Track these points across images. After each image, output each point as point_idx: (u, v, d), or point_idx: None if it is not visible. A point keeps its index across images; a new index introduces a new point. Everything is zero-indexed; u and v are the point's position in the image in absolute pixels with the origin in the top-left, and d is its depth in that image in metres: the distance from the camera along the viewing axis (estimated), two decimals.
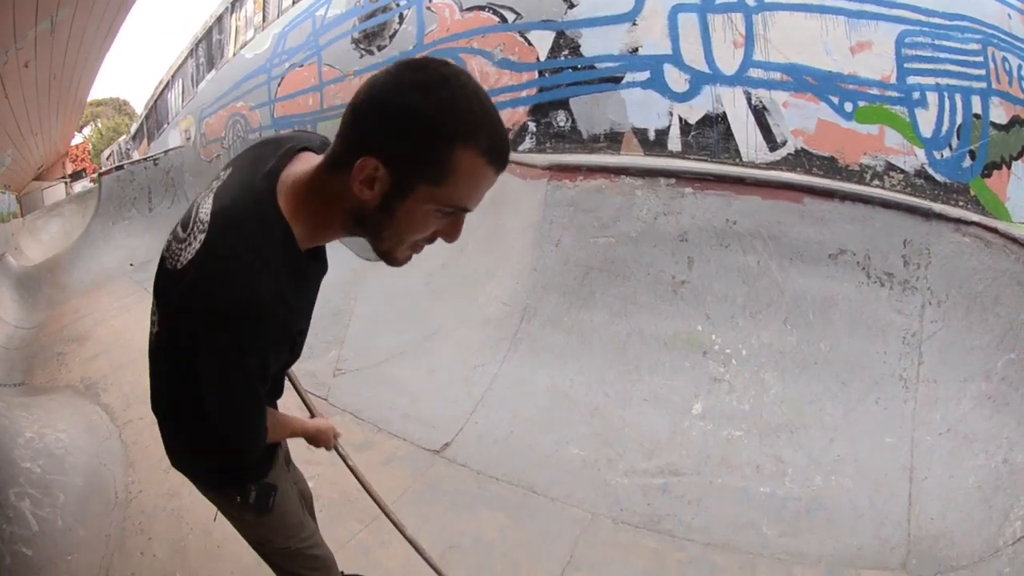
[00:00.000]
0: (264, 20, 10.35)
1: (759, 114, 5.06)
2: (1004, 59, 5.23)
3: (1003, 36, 5.19)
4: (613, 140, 5.47)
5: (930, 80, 4.99)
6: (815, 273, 4.45)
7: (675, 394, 4.32)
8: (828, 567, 3.28)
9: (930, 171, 4.97)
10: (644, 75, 5.34)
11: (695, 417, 4.23)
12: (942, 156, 5.01)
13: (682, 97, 5.24)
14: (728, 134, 5.12)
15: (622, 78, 5.43)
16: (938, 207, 4.54)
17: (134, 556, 3.43)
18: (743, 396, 4.33)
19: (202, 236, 1.34)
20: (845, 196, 4.50)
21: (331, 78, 8.29)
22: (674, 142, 5.26)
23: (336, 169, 1.29)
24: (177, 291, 1.37)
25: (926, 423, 4.01)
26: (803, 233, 4.48)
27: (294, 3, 9.48)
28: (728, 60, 5.13)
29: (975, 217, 4.49)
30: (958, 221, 4.45)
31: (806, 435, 4.09)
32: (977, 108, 5.03)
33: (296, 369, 2.50)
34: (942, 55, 5.05)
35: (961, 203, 4.93)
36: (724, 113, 5.13)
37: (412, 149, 1.21)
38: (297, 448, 2.38)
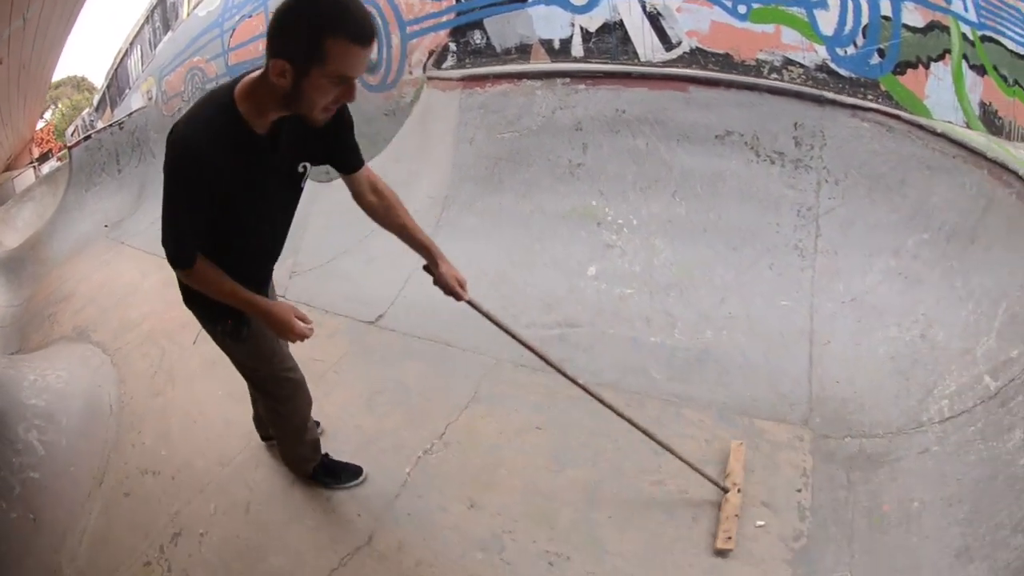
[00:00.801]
0: None
1: (653, 19, 5.42)
2: None
3: None
4: (523, 52, 5.88)
5: None
6: (702, 152, 4.78)
7: (572, 259, 4.72)
8: (719, 412, 3.47)
9: (832, 66, 5.24)
10: None
11: (590, 278, 4.60)
12: (846, 52, 5.26)
13: (582, 9, 5.62)
14: (626, 39, 5.50)
15: None
16: (831, 95, 4.89)
17: (127, 449, 4.01)
18: (634, 259, 4.66)
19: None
20: (731, 84, 4.88)
21: None
22: (577, 49, 5.65)
23: (265, 71, 1.92)
24: None
25: (826, 291, 4.23)
26: (689, 117, 4.82)
27: None
28: None
29: (874, 104, 4.82)
30: (855, 107, 4.75)
31: (695, 294, 4.38)
32: (887, 11, 5.20)
33: None
34: None
35: (870, 97, 5.15)
36: (621, 20, 5.50)
37: (300, 47, 1.80)
38: None
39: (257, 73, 2.00)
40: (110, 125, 14.65)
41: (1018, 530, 2.63)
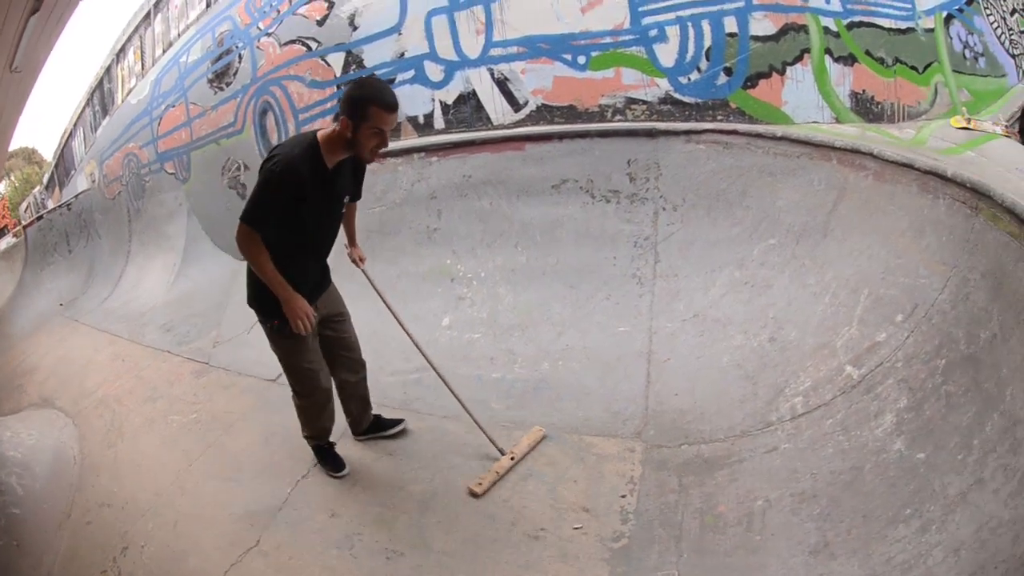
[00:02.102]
0: (143, 68, 11.25)
1: (502, 84, 5.95)
2: None
3: None
4: (395, 131, 6.44)
5: (669, 16, 5.42)
6: (540, 203, 5.24)
7: (430, 313, 5.33)
8: (549, 431, 3.83)
9: (676, 95, 5.49)
10: (410, 73, 6.37)
11: (444, 328, 5.18)
12: (689, 80, 5.49)
13: (439, 85, 6.25)
14: (479, 106, 6.07)
15: (395, 79, 6.45)
16: (663, 125, 5.22)
17: (88, 489, 4.70)
18: (481, 307, 5.12)
19: None
20: (563, 136, 5.36)
21: (196, 114, 9.29)
22: (439, 122, 6.30)
23: (336, 124, 3.04)
24: None
25: (666, 312, 4.54)
26: (527, 173, 5.30)
27: (163, 52, 10.43)
28: (473, 46, 6.04)
29: (707, 125, 5.10)
30: (689, 132, 5.06)
31: (535, 331, 4.77)
32: (732, 28, 5.36)
33: (186, 348, 5.26)
34: None
35: (720, 117, 5.36)
36: (473, 90, 6.09)
37: (355, 111, 2.95)
38: None
39: (332, 127, 3.07)
40: (59, 206, 15.10)
41: (897, 521, 2.69)
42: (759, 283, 4.37)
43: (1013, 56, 7.32)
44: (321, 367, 3.69)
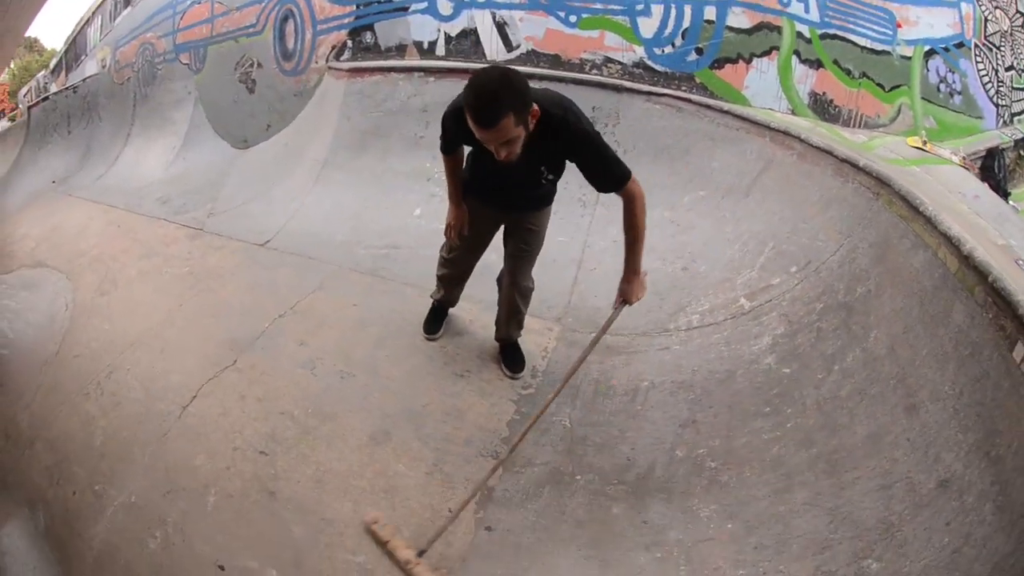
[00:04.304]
0: None
1: (500, 27, 6.65)
2: None
3: None
4: (400, 51, 7.17)
5: None
6: None
7: (406, 204, 5.98)
8: (486, 306, 4.27)
9: (649, 63, 6.26)
10: (423, 4, 6.93)
11: (415, 216, 5.83)
12: (663, 52, 6.24)
13: (447, 19, 6.88)
14: (478, 42, 6.76)
15: (408, 8, 7.05)
16: (628, 84, 5.96)
17: (78, 330, 5.16)
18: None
19: None
20: (543, 77, 5.93)
21: (220, 12, 9.65)
22: (440, 49, 6.95)
23: None
24: None
25: (600, 233, 5.11)
26: None
27: None
28: None
29: (666, 90, 5.83)
30: (649, 93, 5.81)
31: None
32: (711, 16, 6.07)
33: (182, 217, 5.99)
34: None
35: (684, 88, 6.06)
36: (475, 28, 6.76)
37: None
38: None
39: None
40: (66, 88, 15.22)
41: (758, 415, 3.35)
42: (684, 224, 5.01)
43: (996, 105, 7.71)
44: (464, 245, 3.71)
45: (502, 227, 3.67)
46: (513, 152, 2.62)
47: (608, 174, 2.96)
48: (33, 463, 3.88)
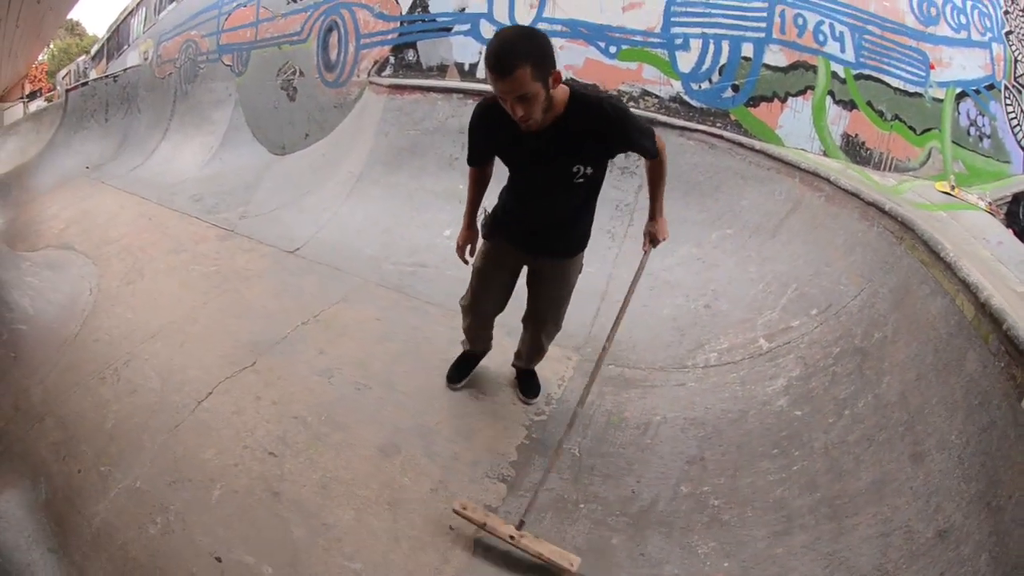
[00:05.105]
0: None
1: None
2: (798, 15, 6.25)
3: None
4: (441, 70, 7.26)
5: (696, 30, 6.18)
6: None
7: (436, 223, 6.02)
8: (508, 331, 4.14)
9: (685, 98, 6.30)
10: (467, 27, 7.06)
11: (445, 236, 5.83)
12: (700, 87, 6.29)
13: (488, 42, 6.98)
14: None
15: (452, 28, 7.15)
16: (662, 117, 5.98)
17: (101, 315, 5.23)
18: None
19: None
20: None
21: (265, 17, 9.84)
22: (480, 72, 6.95)
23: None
24: None
25: (627, 266, 4.81)
26: None
27: None
28: (524, 17, 6.68)
29: (700, 126, 5.84)
30: (683, 128, 5.82)
31: None
32: (748, 53, 6.13)
33: (213, 217, 5.82)
34: (715, 11, 6.21)
35: (719, 124, 6.08)
36: None
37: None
38: None
39: None
40: (106, 76, 15.40)
41: (765, 456, 3.33)
42: (709, 261, 5.01)
43: None
44: (485, 296, 3.58)
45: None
46: (532, 116, 2.49)
47: (649, 140, 2.90)
48: (41, 437, 3.90)
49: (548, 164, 2.83)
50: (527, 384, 4.05)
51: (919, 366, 3.28)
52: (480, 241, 3.40)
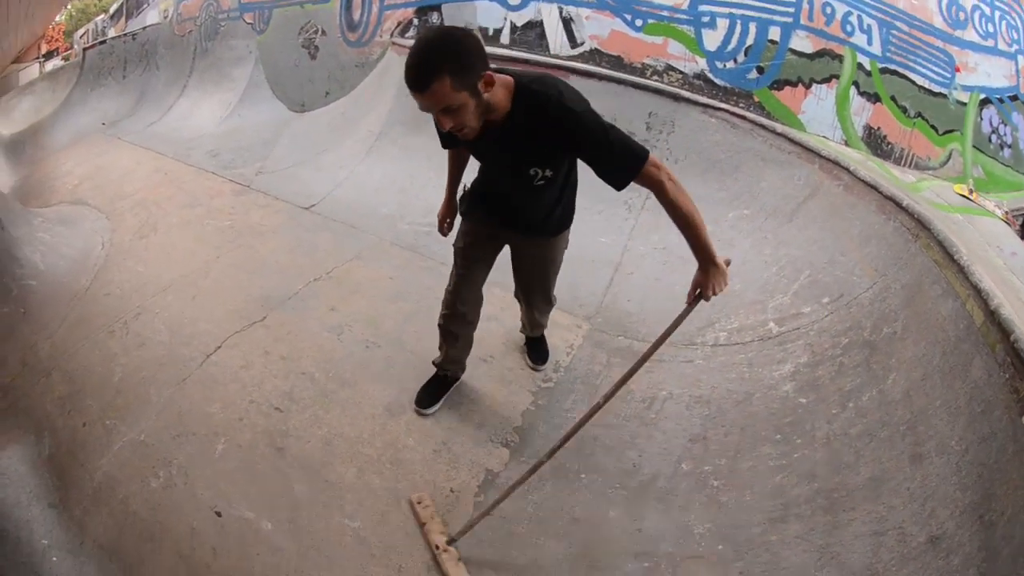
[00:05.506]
0: None
1: (566, 23, 6.65)
2: (826, 4, 6.16)
3: None
4: None
5: (723, 10, 6.10)
6: None
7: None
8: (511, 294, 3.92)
9: (710, 76, 6.24)
10: None
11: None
12: (724, 66, 6.22)
13: (514, 8, 6.92)
14: (543, 35, 6.78)
15: None
16: (686, 94, 5.90)
17: (113, 270, 5.25)
18: None
19: None
20: (603, 77, 5.99)
21: None
22: (505, 38, 6.99)
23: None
24: None
25: (642, 238, 5.11)
26: None
27: None
28: None
29: (724, 105, 5.78)
30: (706, 106, 5.76)
31: None
32: (775, 36, 6.05)
33: (230, 172, 5.88)
34: None
35: (742, 104, 6.03)
36: (541, 21, 6.77)
37: None
38: None
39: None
40: (124, 34, 15.32)
41: (768, 440, 3.29)
42: (724, 240, 4.90)
43: None
44: (468, 278, 3.29)
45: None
46: (464, 125, 2.24)
47: (613, 160, 2.39)
48: (47, 392, 3.91)
49: (502, 165, 2.69)
50: (535, 350, 4.01)
51: (926, 366, 3.25)
52: (459, 220, 3.27)
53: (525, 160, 2.54)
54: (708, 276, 2.55)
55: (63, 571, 2.87)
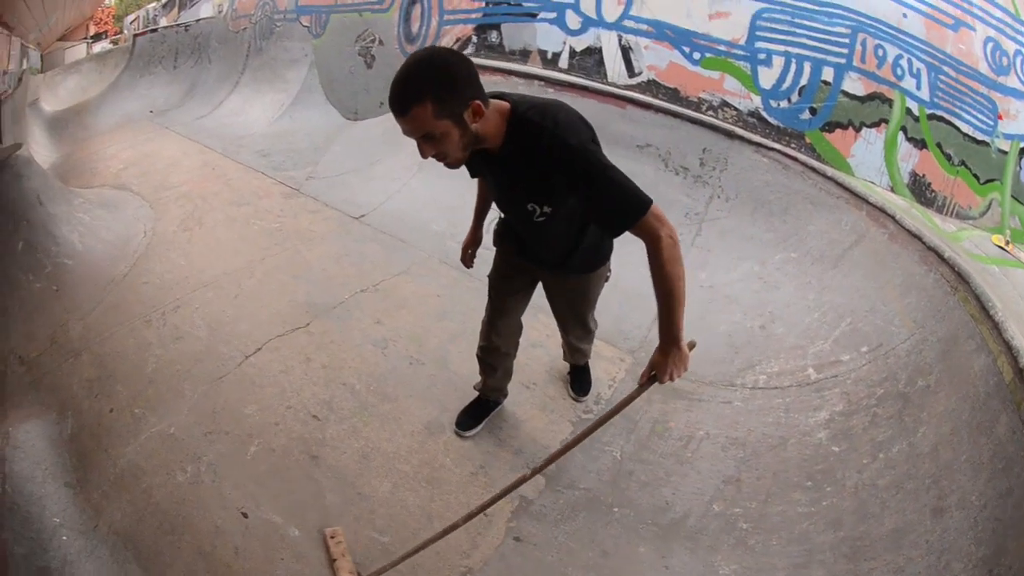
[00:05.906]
0: None
1: (625, 52, 6.59)
2: (878, 46, 6.00)
3: (885, 28, 5.91)
4: (524, 56, 7.20)
5: (779, 47, 6.01)
6: (624, 156, 5.59)
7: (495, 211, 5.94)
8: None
9: (763, 114, 6.10)
10: (552, 15, 6.97)
11: None
12: (778, 105, 6.08)
13: (575, 33, 6.86)
14: (601, 62, 6.71)
15: (537, 15, 7.05)
16: (740, 131, 5.81)
17: (153, 259, 5.31)
18: None
19: None
20: (659, 109, 5.95)
21: None
22: (563, 62, 6.93)
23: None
24: None
25: (689, 276, 4.52)
26: (620, 128, 5.86)
27: None
28: (612, 12, 6.64)
29: (777, 146, 5.66)
30: (759, 145, 5.66)
31: None
32: (828, 77, 5.97)
33: (280, 174, 5.80)
34: (799, 31, 6.02)
35: (793, 145, 5.92)
36: (601, 48, 6.72)
37: None
38: None
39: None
40: (177, 25, 15.47)
41: (799, 486, 3.29)
42: (770, 282, 4.93)
43: None
44: (499, 321, 3.25)
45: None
46: (445, 155, 2.08)
47: (610, 203, 2.18)
48: (75, 372, 3.92)
49: (508, 197, 2.58)
50: (578, 380, 3.97)
51: (955, 420, 3.25)
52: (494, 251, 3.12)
53: (521, 194, 2.39)
54: (668, 359, 2.38)
55: (73, 550, 2.85)
